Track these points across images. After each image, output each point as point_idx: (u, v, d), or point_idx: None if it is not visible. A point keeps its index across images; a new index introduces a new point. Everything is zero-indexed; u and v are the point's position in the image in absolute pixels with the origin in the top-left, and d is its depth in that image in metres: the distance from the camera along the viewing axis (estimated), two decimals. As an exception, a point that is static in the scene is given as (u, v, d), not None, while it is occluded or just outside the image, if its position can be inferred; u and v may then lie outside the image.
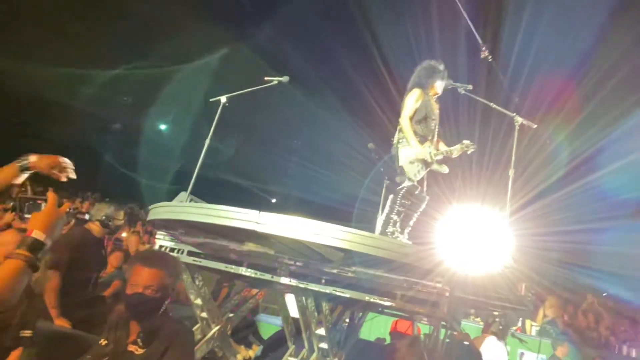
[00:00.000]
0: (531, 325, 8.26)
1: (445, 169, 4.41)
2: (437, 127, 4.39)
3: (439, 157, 4.30)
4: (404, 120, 4.23)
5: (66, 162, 2.19)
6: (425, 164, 4.25)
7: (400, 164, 4.25)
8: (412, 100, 4.26)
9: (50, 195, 1.59)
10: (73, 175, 2.22)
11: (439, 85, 4.38)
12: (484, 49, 5.02)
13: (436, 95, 4.43)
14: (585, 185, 10.04)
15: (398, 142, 4.30)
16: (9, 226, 5.59)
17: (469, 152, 4.25)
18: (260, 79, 4.72)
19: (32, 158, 2.08)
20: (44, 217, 1.52)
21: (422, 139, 4.24)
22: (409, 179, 4.23)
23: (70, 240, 3.92)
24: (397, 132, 4.38)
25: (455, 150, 4.22)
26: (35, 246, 1.46)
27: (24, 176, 2.02)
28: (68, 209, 1.63)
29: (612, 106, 9.51)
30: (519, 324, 8.44)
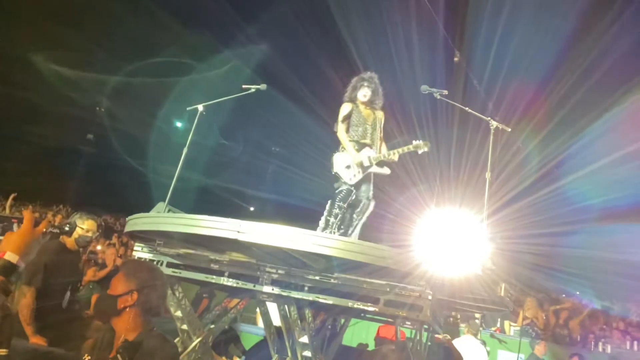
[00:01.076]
0: (510, 326, 8.40)
1: (386, 171, 4.62)
2: (375, 132, 4.62)
3: (379, 160, 4.50)
4: (338, 129, 4.61)
5: None
6: (362, 167, 4.48)
7: (335, 171, 4.53)
8: (341, 112, 4.66)
9: (27, 214, 1.50)
10: None
11: (362, 94, 4.66)
12: (457, 53, 5.12)
13: (366, 101, 4.66)
14: (557, 190, 10.35)
15: (334, 151, 4.62)
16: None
17: (420, 152, 4.44)
18: (238, 85, 4.71)
19: None
20: (18, 238, 1.45)
21: (359, 145, 4.53)
22: (345, 183, 4.47)
23: (45, 255, 3.79)
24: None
25: (397, 153, 4.47)
26: (8, 269, 1.39)
27: None
28: (45, 229, 1.54)
29: (580, 114, 9.85)
30: (498, 324, 8.58)
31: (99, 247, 8.62)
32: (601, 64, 9.24)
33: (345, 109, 4.68)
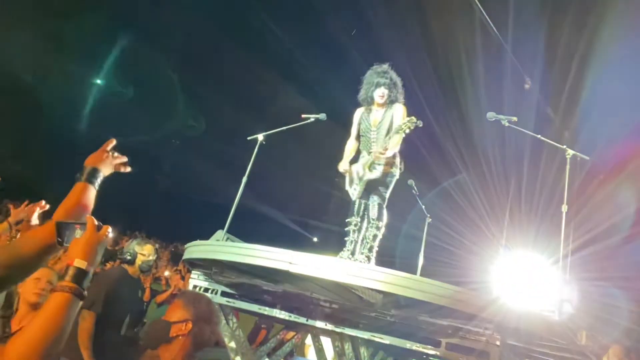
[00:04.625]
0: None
1: (375, 174, 4.11)
2: (379, 135, 4.17)
3: (370, 163, 4.13)
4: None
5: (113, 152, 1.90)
6: (358, 178, 4.23)
7: (346, 188, 4.37)
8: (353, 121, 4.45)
9: (89, 219, 1.50)
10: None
11: (378, 96, 4.21)
12: (528, 80, 4.81)
13: (383, 102, 4.22)
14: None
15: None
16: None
17: (411, 128, 3.85)
18: (298, 115, 4.71)
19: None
20: (84, 243, 1.45)
21: (364, 154, 4.30)
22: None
23: (107, 280, 3.91)
24: None
25: (377, 152, 4.01)
26: (79, 276, 1.40)
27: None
28: (107, 232, 1.52)
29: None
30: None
31: (166, 273, 8.89)
32: None
33: (354, 117, 4.43)
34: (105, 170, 1.86)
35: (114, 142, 1.89)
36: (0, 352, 1.25)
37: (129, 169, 1.96)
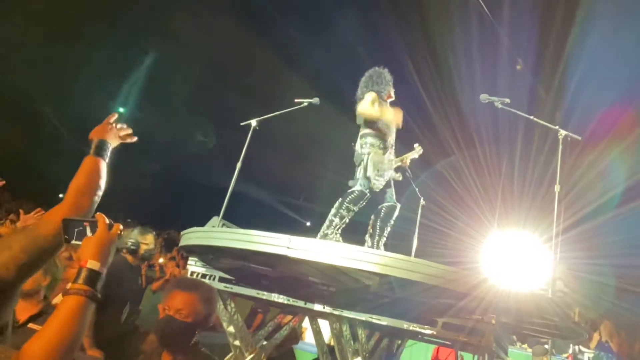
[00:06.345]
0: (582, 352, 7.71)
1: (399, 177, 4.35)
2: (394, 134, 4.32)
3: (396, 164, 4.28)
4: (367, 109, 4.07)
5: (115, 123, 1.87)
6: (388, 172, 4.21)
7: (368, 174, 4.06)
8: (373, 101, 4.10)
9: (100, 217, 1.46)
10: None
11: (393, 92, 4.41)
12: (520, 61, 4.82)
13: (390, 100, 4.40)
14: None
15: (361, 147, 4.17)
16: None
17: (417, 157, 4.31)
18: (291, 99, 4.69)
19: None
20: (96, 243, 1.41)
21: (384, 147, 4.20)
22: (371, 188, 4.07)
23: (108, 268, 3.90)
24: (359, 138, 4.26)
25: (409, 158, 4.33)
26: (93, 277, 1.36)
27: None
28: (119, 231, 1.48)
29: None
30: (570, 351, 7.91)
31: (160, 260, 8.89)
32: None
33: (373, 98, 4.10)
34: (112, 142, 1.83)
35: (116, 115, 1.88)
36: (15, 358, 1.22)
37: (135, 139, 1.93)
